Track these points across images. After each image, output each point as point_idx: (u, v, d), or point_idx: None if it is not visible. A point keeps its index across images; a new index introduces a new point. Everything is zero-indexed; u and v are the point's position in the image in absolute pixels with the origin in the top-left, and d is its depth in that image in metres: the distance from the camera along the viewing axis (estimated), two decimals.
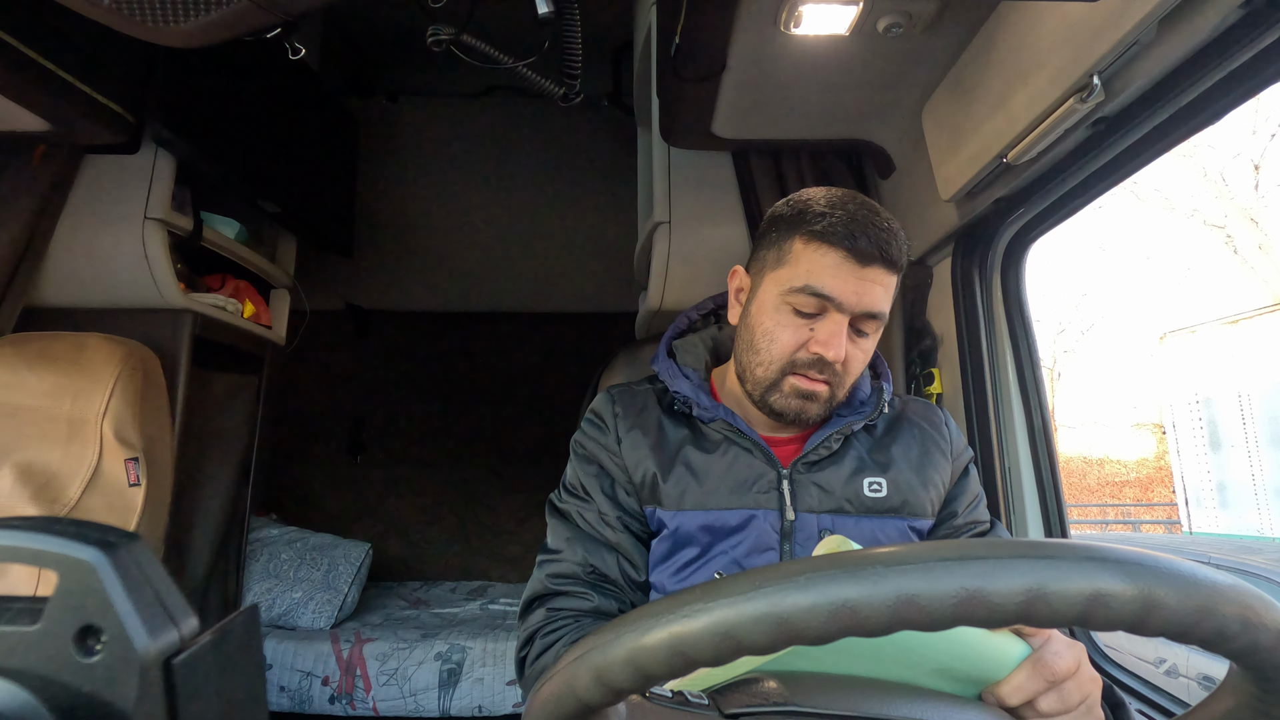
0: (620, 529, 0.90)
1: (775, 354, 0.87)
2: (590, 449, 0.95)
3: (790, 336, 0.86)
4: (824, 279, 0.83)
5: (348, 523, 3.08)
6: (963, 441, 0.99)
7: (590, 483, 0.93)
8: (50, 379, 1.37)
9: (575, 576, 0.88)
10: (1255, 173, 11.28)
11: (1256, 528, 8.47)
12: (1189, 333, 9.36)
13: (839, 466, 0.90)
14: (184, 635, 0.27)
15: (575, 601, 0.87)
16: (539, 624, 0.86)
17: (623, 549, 0.90)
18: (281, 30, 0.96)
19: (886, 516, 0.90)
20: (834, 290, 0.83)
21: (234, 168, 1.64)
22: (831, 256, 0.84)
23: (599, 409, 0.97)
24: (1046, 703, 0.54)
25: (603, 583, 0.89)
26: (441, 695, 2.14)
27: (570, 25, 1.21)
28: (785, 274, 0.87)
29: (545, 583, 0.89)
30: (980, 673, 0.54)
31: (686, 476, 0.89)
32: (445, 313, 3.16)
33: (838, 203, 0.86)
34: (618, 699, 0.34)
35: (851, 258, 0.83)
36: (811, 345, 0.85)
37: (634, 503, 0.92)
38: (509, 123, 2.70)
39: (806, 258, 0.85)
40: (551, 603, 0.88)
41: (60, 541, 0.26)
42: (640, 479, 0.91)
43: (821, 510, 0.89)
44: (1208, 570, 0.33)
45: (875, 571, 0.31)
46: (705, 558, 0.88)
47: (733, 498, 0.88)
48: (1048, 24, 0.85)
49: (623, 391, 0.99)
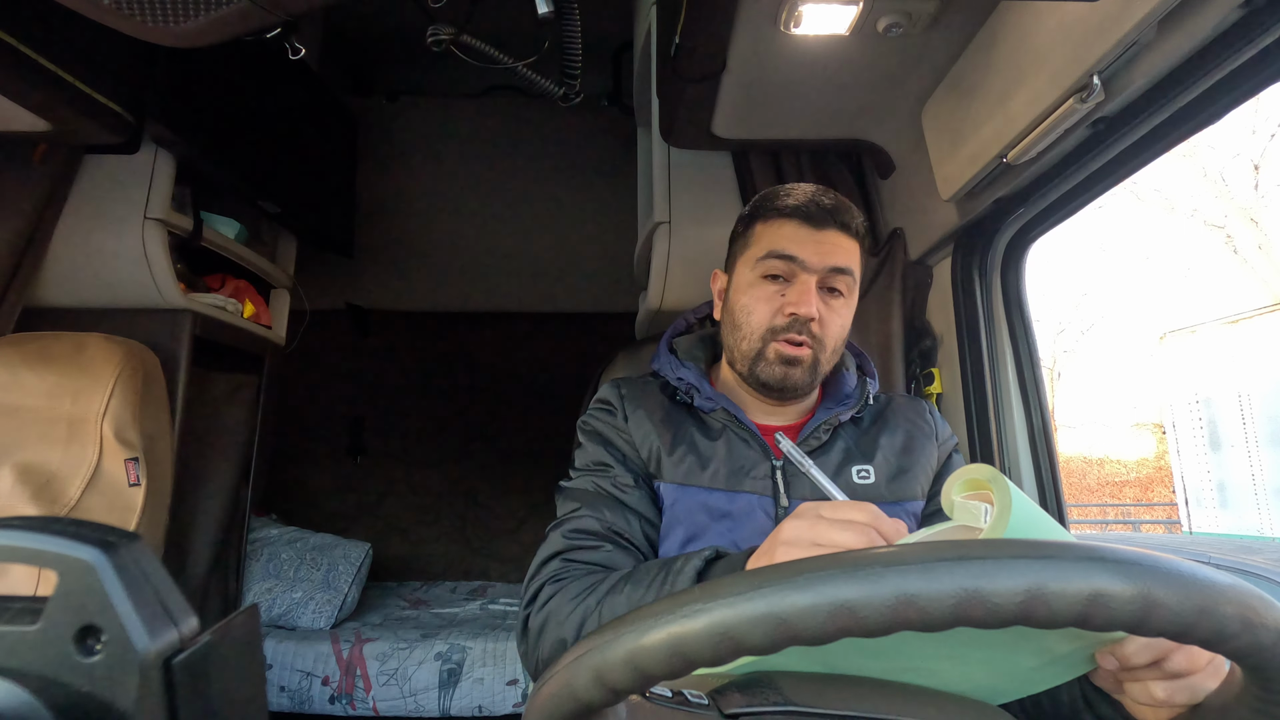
0: (638, 488, 0.91)
1: (755, 324, 0.93)
2: (598, 427, 0.97)
3: (766, 305, 0.93)
4: (784, 243, 0.92)
5: (348, 523, 3.08)
6: (947, 429, 1.03)
7: (602, 454, 0.94)
8: (50, 379, 1.37)
9: (593, 532, 0.86)
10: (1255, 173, 11.28)
11: (1256, 527, 8.48)
12: (1189, 333, 9.36)
13: (828, 457, 0.94)
14: (184, 635, 0.27)
15: (590, 554, 0.84)
16: (551, 574, 0.82)
17: (642, 510, 0.90)
18: (281, 30, 0.96)
19: (876, 503, 0.90)
20: (795, 250, 0.91)
21: (234, 168, 1.64)
22: (789, 225, 0.93)
23: (605, 395, 1.00)
24: (1174, 662, 0.49)
25: (620, 539, 0.86)
26: (441, 695, 2.14)
27: (570, 25, 1.21)
28: (752, 253, 0.95)
29: (562, 540, 0.86)
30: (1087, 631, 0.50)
31: (690, 455, 0.92)
32: (445, 313, 3.16)
33: (794, 188, 0.96)
34: (617, 699, 0.34)
35: (807, 224, 0.92)
36: (785, 308, 0.91)
37: (644, 471, 0.94)
38: (509, 123, 2.70)
39: (768, 233, 0.94)
40: (569, 555, 0.84)
41: (60, 541, 0.26)
42: (647, 454, 0.94)
43: (814, 498, 0.89)
44: (1207, 570, 0.33)
45: (874, 572, 0.31)
46: (705, 535, 0.89)
47: (731, 481, 0.91)
48: (1048, 24, 0.85)
49: (627, 380, 1.03)
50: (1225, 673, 0.50)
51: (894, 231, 1.40)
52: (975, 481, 0.56)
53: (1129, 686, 0.53)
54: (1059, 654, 0.53)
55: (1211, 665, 0.50)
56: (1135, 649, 0.50)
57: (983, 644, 0.50)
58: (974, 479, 0.56)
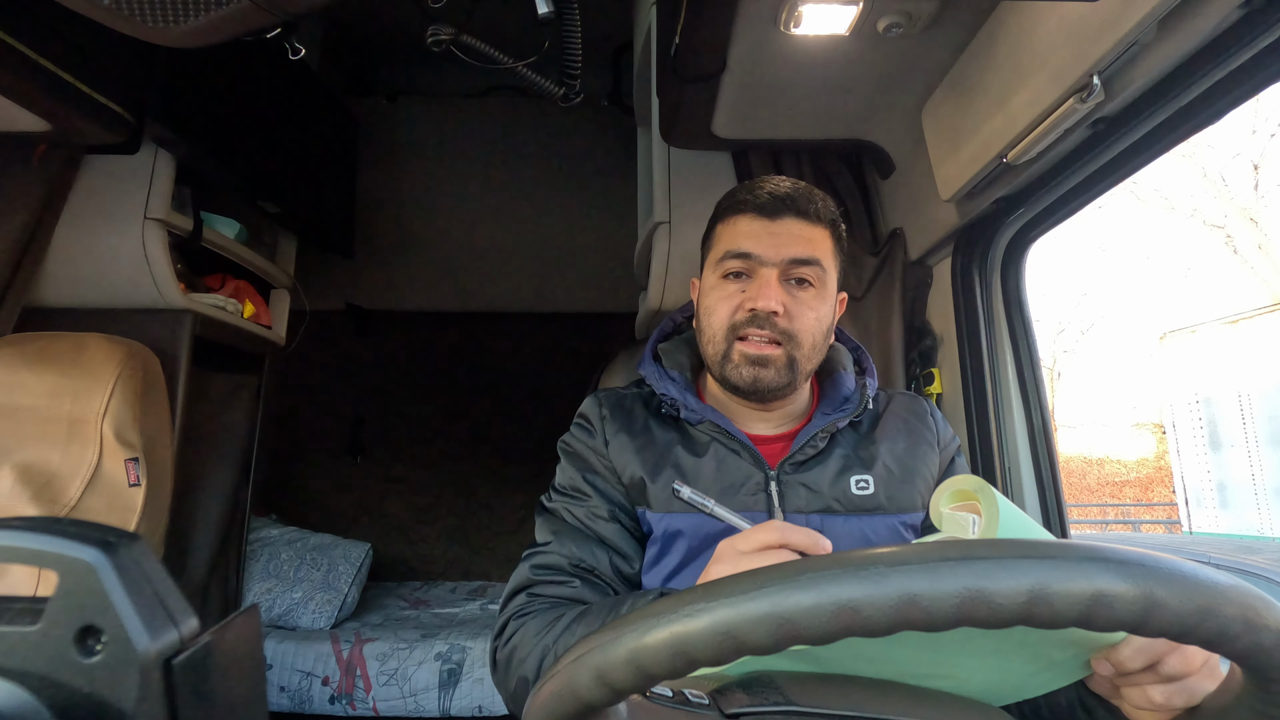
0: (612, 520, 0.89)
1: (717, 324, 0.90)
2: (578, 449, 0.95)
3: (726, 304, 0.90)
4: (740, 239, 0.89)
5: (348, 523, 3.08)
6: (949, 432, 0.99)
7: (579, 480, 0.92)
8: (50, 379, 1.37)
9: (559, 568, 0.87)
10: (1255, 173, 11.29)
11: (1256, 527, 8.48)
12: (1189, 333, 9.36)
13: (825, 466, 0.90)
14: (184, 635, 0.27)
15: (558, 589, 0.85)
16: (516, 609, 0.84)
17: (614, 542, 0.89)
18: (281, 30, 0.96)
19: (875, 514, 0.89)
20: (750, 245, 0.88)
21: (234, 168, 1.64)
22: (743, 221, 0.90)
23: (586, 412, 0.98)
24: (1170, 665, 0.49)
25: (588, 574, 0.87)
26: (441, 695, 2.14)
27: (570, 25, 1.21)
28: (713, 254, 0.93)
29: (529, 574, 0.87)
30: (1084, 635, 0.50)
31: (677, 477, 0.89)
32: (445, 313, 3.16)
33: (754, 182, 0.93)
34: (618, 699, 0.34)
35: (760, 215, 0.89)
36: (745, 304, 0.88)
37: (624, 499, 0.91)
38: (509, 123, 2.70)
39: (726, 232, 0.92)
40: (533, 589, 0.86)
41: (60, 541, 0.26)
42: (629, 481, 0.91)
43: (810, 510, 0.88)
44: (1210, 571, 0.33)
45: (877, 571, 0.31)
46: (695, 561, 0.87)
47: (721, 500, 0.87)
48: (1048, 24, 0.85)
49: (610, 395, 0.99)
50: (1221, 674, 0.50)
51: (894, 231, 1.40)
52: (963, 492, 0.56)
53: (1126, 691, 0.52)
54: (1055, 660, 0.53)
55: (1207, 666, 0.50)
56: (1130, 653, 0.49)
57: (978, 651, 0.50)
58: (961, 490, 0.56)
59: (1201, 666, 0.50)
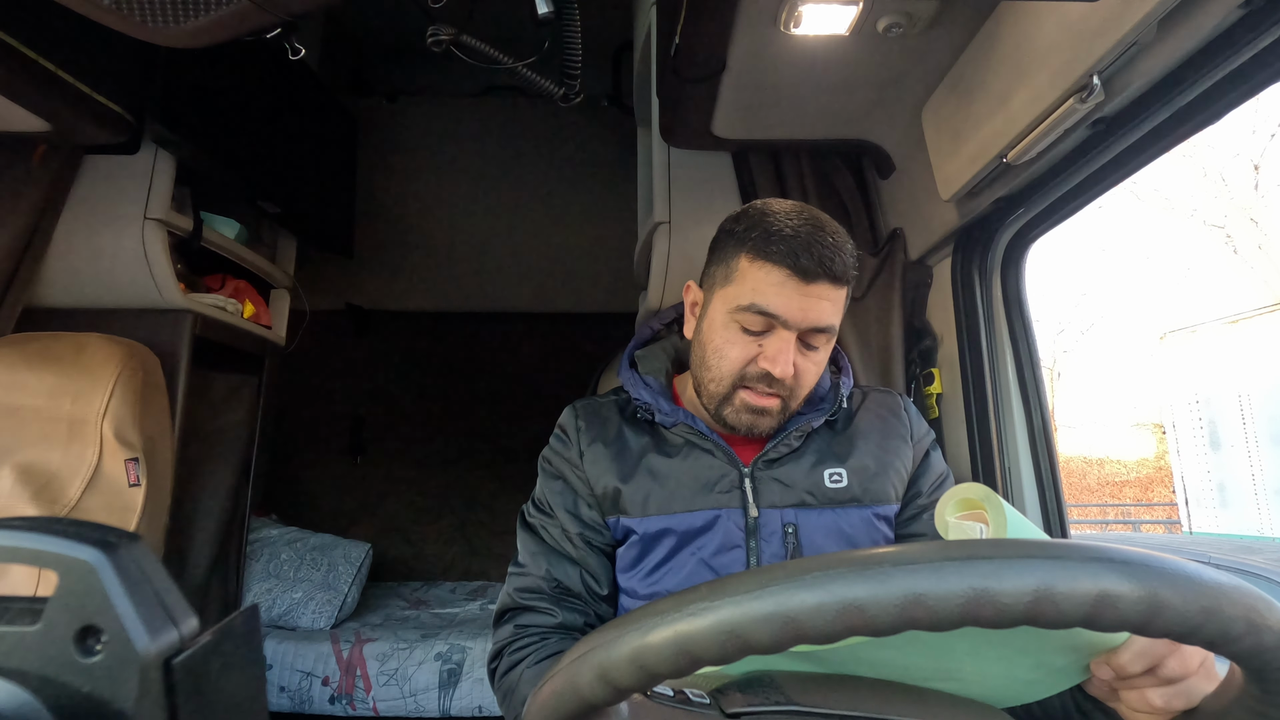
0: (582, 545, 0.93)
1: (725, 370, 0.88)
2: (556, 464, 0.97)
3: (739, 353, 0.87)
4: (768, 298, 0.84)
5: (348, 523, 3.08)
6: (924, 426, 1.00)
7: (555, 499, 0.95)
8: (50, 379, 1.37)
9: (540, 591, 0.92)
10: (1255, 173, 11.29)
11: (1256, 527, 8.49)
12: (1189, 333, 9.37)
13: (799, 461, 0.92)
14: (184, 635, 0.27)
15: (540, 617, 0.90)
16: (507, 639, 0.90)
17: (585, 564, 0.93)
18: (281, 30, 0.96)
19: (849, 506, 0.91)
20: (778, 309, 0.84)
21: (234, 168, 1.64)
22: (775, 274, 0.84)
23: (564, 424, 1.00)
24: (1169, 668, 0.49)
25: (566, 596, 0.92)
26: (441, 695, 2.14)
27: (570, 25, 1.21)
28: (732, 292, 0.87)
29: (513, 596, 0.93)
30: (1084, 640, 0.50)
31: (649, 482, 0.91)
32: (445, 313, 3.16)
33: (784, 217, 0.86)
34: (621, 698, 0.33)
35: (795, 275, 0.83)
36: (760, 361, 0.86)
37: (596, 516, 0.94)
38: (509, 123, 2.70)
39: (752, 276, 0.85)
40: (519, 618, 0.91)
41: (60, 541, 0.26)
42: (602, 491, 0.93)
43: (784, 505, 0.90)
44: (1213, 571, 0.33)
45: (883, 571, 0.31)
46: (673, 560, 0.90)
47: (696, 499, 0.90)
48: (1048, 24, 0.85)
49: (587, 405, 1.00)
50: (1218, 675, 0.51)
51: (894, 231, 1.40)
52: (969, 501, 0.56)
53: (1125, 695, 0.52)
54: (1054, 665, 0.53)
55: (1204, 668, 0.50)
56: (1131, 657, 0.49)
57: (979, 655, 0.50)
58: (967, 499, 0.56)
59: (1199, 668, 0.50)
